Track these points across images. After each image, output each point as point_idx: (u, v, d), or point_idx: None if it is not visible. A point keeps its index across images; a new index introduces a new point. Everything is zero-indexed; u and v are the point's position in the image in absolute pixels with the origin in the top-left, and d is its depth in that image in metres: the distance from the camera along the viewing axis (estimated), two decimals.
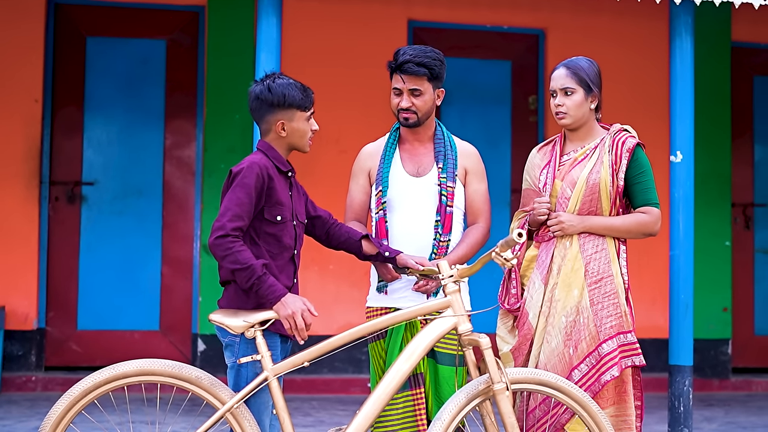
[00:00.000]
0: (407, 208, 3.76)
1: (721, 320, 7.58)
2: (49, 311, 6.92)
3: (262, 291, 3.19)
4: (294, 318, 3.19)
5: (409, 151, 3.83)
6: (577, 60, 3.79)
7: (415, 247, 3.71)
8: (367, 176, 3.85)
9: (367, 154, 3.88)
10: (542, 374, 3.41)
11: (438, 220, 3.74)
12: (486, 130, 7.31)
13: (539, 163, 3.83)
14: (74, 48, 7.07)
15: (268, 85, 3.35)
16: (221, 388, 3.21)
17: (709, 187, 7.43)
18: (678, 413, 4.82)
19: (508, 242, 3.29)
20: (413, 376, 3.64)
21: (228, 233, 3.18)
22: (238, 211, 3.21)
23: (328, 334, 3.53)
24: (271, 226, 3.32)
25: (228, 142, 7.00)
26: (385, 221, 3.74)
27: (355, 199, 3.86)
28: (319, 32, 7.18)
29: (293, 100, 3.34)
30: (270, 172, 3.30)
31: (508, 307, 3.77)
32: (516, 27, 7.55)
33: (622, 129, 3.79)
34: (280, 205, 3.33)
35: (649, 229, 3.72)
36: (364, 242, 3.60)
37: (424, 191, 3.76)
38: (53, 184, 6.97)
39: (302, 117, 3.39)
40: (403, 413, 3.64)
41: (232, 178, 3.28)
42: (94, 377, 3.14)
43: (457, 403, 3.28)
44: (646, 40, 7.51)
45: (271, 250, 3.32)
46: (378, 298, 3.76)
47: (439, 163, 3.77)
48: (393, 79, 3.74)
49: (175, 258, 7.09)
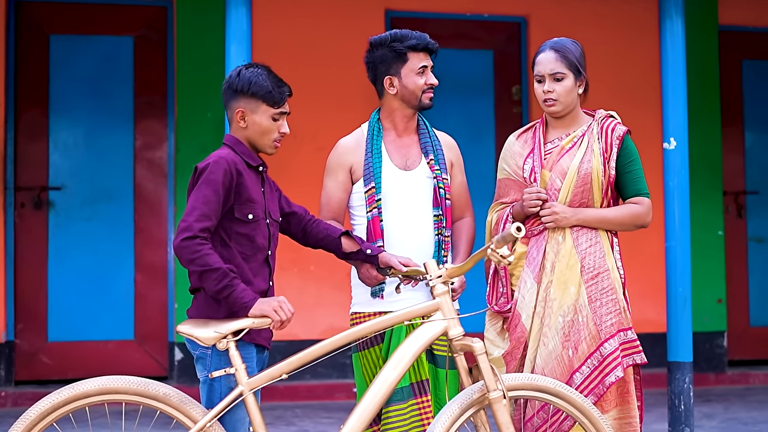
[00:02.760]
0: (401, 205, 3.53)
1: (715, 312, 7.51)
2: (17, 323, 6.76)
3: (233, 296, 2.98)
4: (281, 306, 3.02)
5: (394, 143, 3.61)
6: (563, 41, 3.59)
7: (414, 246, 3.49)
8: (348, 172, 3.60)
9: (347, 148, 3.62)
10: (540, 379, 3.18)
11: (438, 214, 3.54)
12: (468, 123, 7.23)
13: (520, 151, 3.63)
14: (37, 47, 6.91)
15: (239, 70, 3.19)
16: (192, 405, 2.98)
17: (700, 176, 7.35)
18: (678, 412, 4.70)
19: (505, 238, 3.04)
20: (418, 383, 3.42)
21: (196, 234, 2.97)
22: (205, 210, 3.01)
23: (309, 338, 3.29)
24: (243, 226, 3.12)
25: (201, 141, 6.87)
26: (380, 220, 3.50)
27: (333, 197, 3.61)
28: (292, 23, 7.06)
29: (258, 89, 3.15)
30: (238, 167, 3.10)
31: (497, 309, 3.54)
32: (497, 15, 7.48)
33: (608, 115, 3.62)
34: (252, 203, 3.13)
35: (642, 220, 3.57)
36: (344, 239, 3.38)
37: (415, 185, 3.55)
38: (18, 190, 6.80)
39: (267, 112, 3.18)
40: (410, 424, 3.40)
41: (197, 175, 3.08)
42: (51, 398, 2.91)
43: (450, 414, 3.03)
44: (631, 26, 7.45)
45: (244, 251, 3.12)
46: (370, 302, 3.51)
47: (429, 155, 3.58)
48: (412, 59, 3.55)
49: (149, 264, 6.94)
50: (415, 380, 3.42)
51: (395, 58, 3.55)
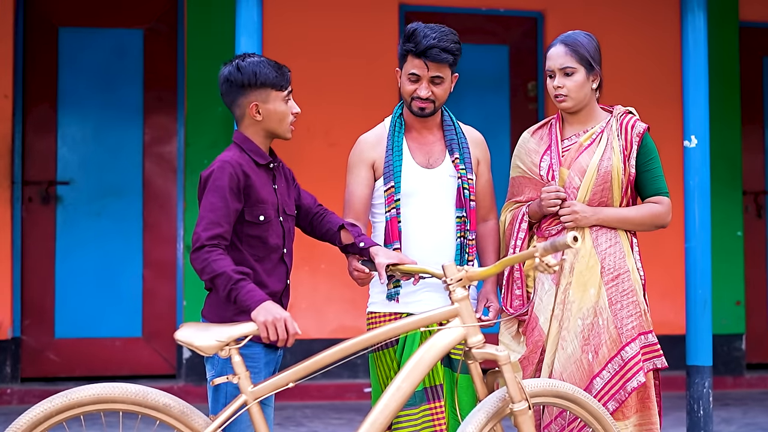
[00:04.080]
0: (422, 205, 3.39)
1: (734, 314, 7.40)
2: (24, 319, 6.70)
3: (239, 299, 2.87)
4: (275, 324, 2.82)
5: (417, 140, 3.46)
6: (575, 35, 3.49)
7: (434, 249, 3.36)
8: (371, 168, 3.44)
9: (368, 143, 3.47)
10: (558, 385, 3.06)
11: (461, 216, 3.39)
12: (483, 119, 7.10)
13: (536, 148, 3.52)
14: (46, 40, 6.84)
15: (236, 65, 3.06)
16: (194, 415, 2.85)
17: (719, 175, 7.23)
18: (697, 417, 4.62)
19: (556, 246, 2.87)
20: (432, 388, 3.28)
21: (203, 244, 2.91)
22: (213, 217, 2.93)
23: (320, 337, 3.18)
24: (254, 228, 3.03)
25: (211, 136, 6.81)
26: (398, 221, 3.36)
27: (355, 194, 3.44)
28: (304, 17, 6.98)
29: (266, 78, 3.03)
30: (245, 170, 3.00)
31: (512, 312, 3.42)
32: (513, 9, 7.39)
33: (627, 111, 3.52)
34: (262, 204, 3.03)
35: (662, 220, 3.47)
36: (342, 232, 3.26)
37: (438, 185, 3.40)
38: (26, 185, 6.73)
39: (278, 97, 3.07)
40: (421, 430, 3.27)
41: (203, 184, 3.00)
42: (44, 406, 2.77)
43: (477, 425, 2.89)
44: (650, 21, 7.36)
45: (257, 253, 3.04)
46: (386, 303, 3.38)
47: (455, 153, 3.43)
48: (408, 62, 3.35)
49: (157, 260, 6.87)
50: (429, 385, 3.29)
51: (401, 56, 3.41)
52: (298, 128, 3.22)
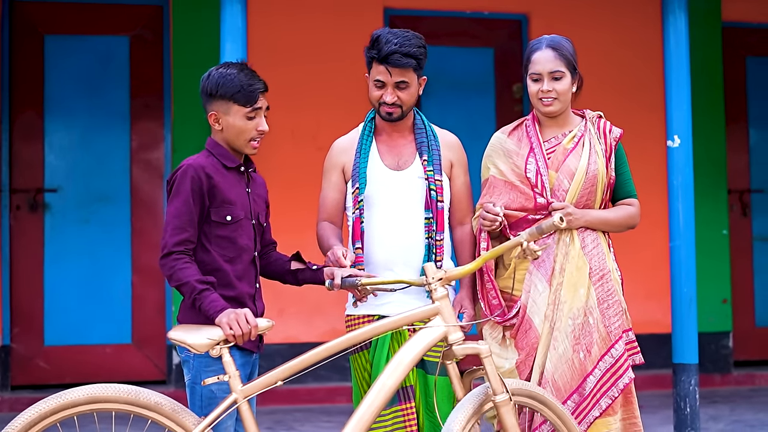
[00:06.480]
0: (388, 206, 3.44)
1: (720, 312, 7.42)
2: (13, 327, 6.68)
3: (204, 306, 2.95)
4: (237, 320, 2.91)
5: (387, 142, 3.52)
6: (559, 39, 3.53)
7: (402, 249, 3.41)
8: (341, 172, 3.53)
9: (340, 148, 3.55)
10: (531, 386, 3.16)
11: (429, 217, 3.43)
12: (469, 122, 7.12)
13: (516, 150, 3.53)
14: (32, 47, 6.83)
15: (210, 72, 3.14)
16: (185, 414, 2.91)
17: (704, 174, 7.23)
18: (684, 414, 4.66)
19: (542, 230, 2.97)
20: (402, 389, 3.34)
21: (171, 250, 2.98)
22: (178, 222, 3.00)
23: (309, 341, 3.21)
24: (222, 228, 3.08)
25: (198, 142, 6.58)
26: (361, 221, 3.41)
27: (327, 198, 3.55)
28: (289, 21, 6.98)
29: (226, 91, 3.08)
30: (207, 171, 3.05)
31: (500, 321, 3.44)
32: (497, 12, 7.39)
33: (599, 116, 3.59)
34: (229, 204, 3.08)
35: (635, 221, 3.59)
36: (293, 262, 3.33)
37: (406, 186, 3.45)
38: (13, 192, 6.72)
39: (239, 112, 3.10)
40: (392, 430, 3.33)
41: (169, 188, 3.07)
42: (37, 407, 2.83)
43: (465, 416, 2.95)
44: (633, 23, 7.37)
45: (226, 254, 3.08)
46: (362, 305, 3.42)
47: (423, 155, 3.47)
48: (374, 69, 3.41)
49: (146, 266, 6.85)
50: (401, 386, 3.34)
51: (367, 63, 3.45)
52: (285, 133, 3.25)
